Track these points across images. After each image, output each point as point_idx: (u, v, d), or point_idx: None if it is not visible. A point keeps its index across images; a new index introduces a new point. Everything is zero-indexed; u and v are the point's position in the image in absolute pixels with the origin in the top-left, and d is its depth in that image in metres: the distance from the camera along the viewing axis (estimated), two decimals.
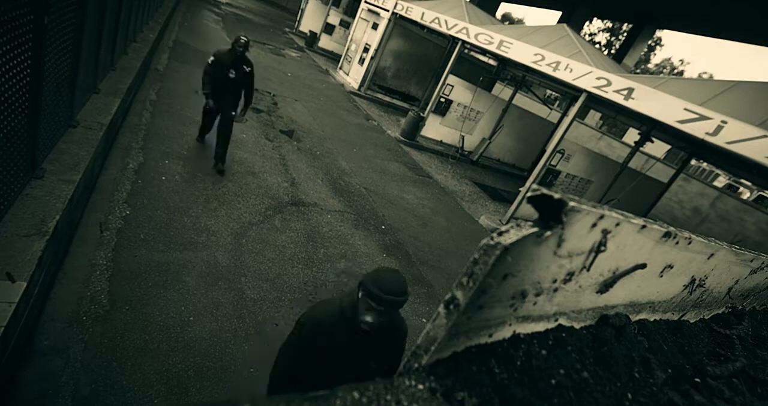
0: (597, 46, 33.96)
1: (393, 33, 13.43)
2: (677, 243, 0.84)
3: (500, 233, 0.53)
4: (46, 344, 2.64)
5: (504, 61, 11.85)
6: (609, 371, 0.78)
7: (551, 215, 0.56)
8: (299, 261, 4.46)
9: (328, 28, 19.17)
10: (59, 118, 3.56)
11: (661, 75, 18.43)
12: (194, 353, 2.97)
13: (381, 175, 7.94)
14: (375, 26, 13.60)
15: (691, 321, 1.25)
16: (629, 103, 6.48)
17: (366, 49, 13.76)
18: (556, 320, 0.79)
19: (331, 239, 5.09)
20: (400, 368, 0.62)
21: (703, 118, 5.65)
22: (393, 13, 12.62)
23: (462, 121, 11.69)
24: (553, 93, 27.75)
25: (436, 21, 10.74)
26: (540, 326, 0.76)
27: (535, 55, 7.99)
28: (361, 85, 13.76)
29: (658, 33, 33.06)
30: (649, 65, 39.55)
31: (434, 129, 11.50)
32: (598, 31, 35.30)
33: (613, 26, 34.58)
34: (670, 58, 50.12)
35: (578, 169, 10.36)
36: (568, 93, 11.52)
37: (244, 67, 5.13)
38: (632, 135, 21.48)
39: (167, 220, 4.23)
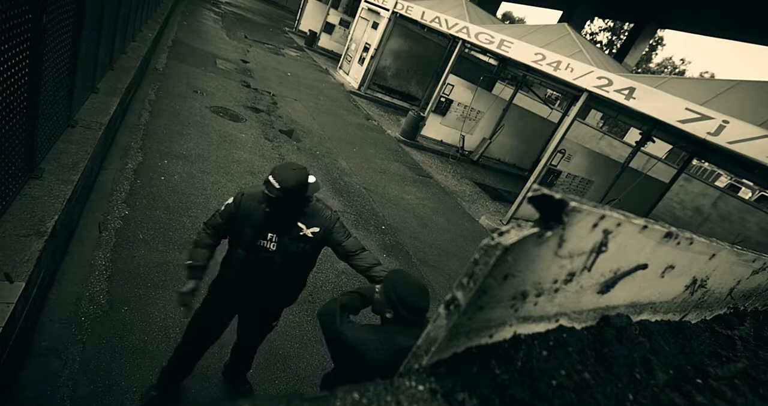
0: (598, 45, 33.94)
1: (393, 32, 13.42)
2: (679, 243, 0.83)
3: (501, 233, 0.53)
4: (44, 344, 2.63)
5: (505, 61, 11.84)
6: (610, 372, 0.78)
7: (552, 215, 0.56)
8: None
9: (328, 28, 19.18)
10: (58, 117, 3.56)
11: (663, 74, 18.42)
12: None
13: (381, 175, 7.93)
14: (375, 25, 13.59)
15: (693, 322, 1.24)
16: (630, 103, 6.47)
17: (366, 49, 13.76)
18: (557, 321, 0.78)
19: None
20: (400, 368, 0.61)
21: (704, 117, 5.64)
22: (393, 12, 12.61)
23: (462, 120, 11.69)
24: (554, 93, 27.74)
25: (437, 20, 10.73)
26: (541, 327, 0.75)
27: (536, 54, 7.99)
28: (361, 84, 13.75)
29: (660, 32, 33.05)
30: (651, 65, 39.53)
31: (434, 129, 11.49)
32: (599, 31, 35.27)
33: (614, 25, 34.57)
34: (671, 58, 50.16)
35: (579, 169, 10.36)
36: (569, 93, 11.52)
37: (300, 226, 2.28)
38: (633, 135, 21.47)
39: (166, 220, 4.22)
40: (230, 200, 2.29)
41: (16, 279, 2.23)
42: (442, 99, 11.04)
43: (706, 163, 23.50)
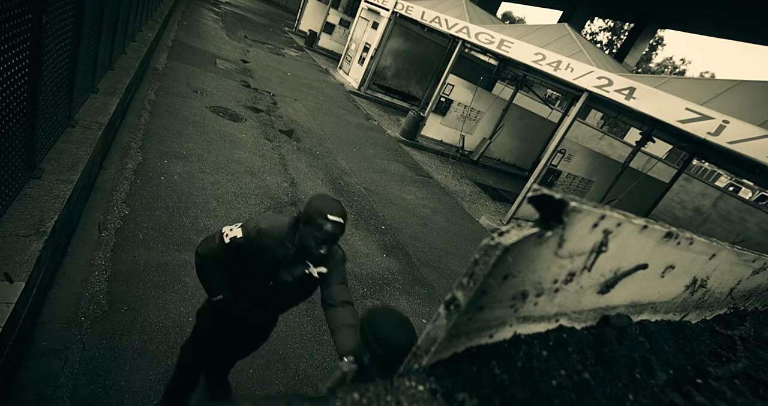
0: (598, 45, 33.93)
1: (393, 32, 13.42)
2: (679, 243, 0.83)
3: (501, 233, 0.53)
4: (44, 344, 2.63)
5: (505, 61, 11.83)
6: (610, 372, 0.78)
7: (552, 215, 0.55)
8: None
9: (328, 28, 19.18)
10: (57, 117, 3.55)
11: (663, 74, 18.42)
12: None
13: (381, 175, 7.93)
14: (375, 25, 13.59)
15: (693, 322, 1.24)
16: (630, 103, 6.47)
17: (366, 49, 13.76)
18: (557, 321, 0.78)
19: None
20: (400, 369, 0.61)
21: (704, 117, 5.64)
22: (393, 12, 12.61)
23: (462, 120, 11.68)
24: (554, 93, 27.74)
25: (437, 20, 10.73)
26: (541, 327, 0.75)
27: (536, 54, 7.98)
28: (361, 84, 13.75)
29: (660, 32, 33.04)
30: (651, 65, 39.51)
31: (434, 129, 11.49)
32: (600, 31, 35.26)
33: (614, 25, 34.56)
34: (671, 58, 50.15)
35: (579, 169, 10.35)
36: (569, 93, 11.51)
37: (311, 268, 2.01)
38: (634, 135, 21.48)
39: (166, 220, 4.22)
40: (238, 233, 1.92)
41: (16, 279, 2.23)
42: (442, 99, 11.04)
43: (706, 163, 23.49)
